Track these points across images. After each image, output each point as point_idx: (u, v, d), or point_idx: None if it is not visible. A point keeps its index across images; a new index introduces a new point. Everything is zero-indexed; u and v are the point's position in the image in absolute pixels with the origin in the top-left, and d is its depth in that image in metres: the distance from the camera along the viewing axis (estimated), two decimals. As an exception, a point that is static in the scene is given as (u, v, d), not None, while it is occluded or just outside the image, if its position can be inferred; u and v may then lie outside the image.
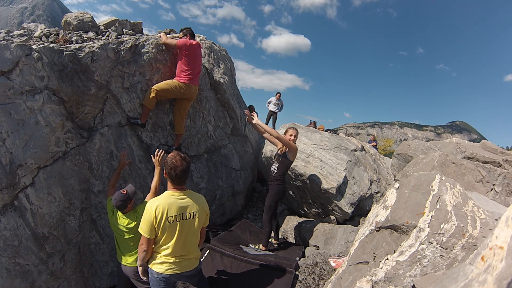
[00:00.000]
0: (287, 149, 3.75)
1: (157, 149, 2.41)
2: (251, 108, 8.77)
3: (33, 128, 2.56)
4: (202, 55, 4.32)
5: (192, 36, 3.82)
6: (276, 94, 10.03)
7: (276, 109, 10.01)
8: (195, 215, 2.09)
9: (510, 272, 0.77)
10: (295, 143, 3.80)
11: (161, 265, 2.04)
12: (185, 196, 2.09)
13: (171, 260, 2.05)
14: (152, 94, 3.40)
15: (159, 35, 3.91)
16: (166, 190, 2.10)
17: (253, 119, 3.79)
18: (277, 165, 3.86)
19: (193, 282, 2.25)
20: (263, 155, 5.92)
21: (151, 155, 2.68)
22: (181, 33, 3.90)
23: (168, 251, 2.03)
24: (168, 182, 2.09)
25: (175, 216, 2.00)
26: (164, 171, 2.08)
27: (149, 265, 2.10)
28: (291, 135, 3.79)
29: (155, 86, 3.45)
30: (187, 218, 2.05)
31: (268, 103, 10.06)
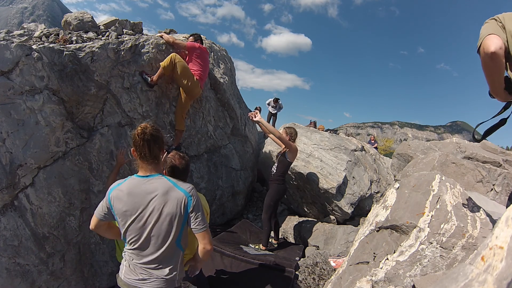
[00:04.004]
0: (287, 149, 3.77)
1: None
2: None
3: (33, 128, 2.56)
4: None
5: (201, 42, 3.92)
6: (274, 100, 10.09)
7: (275, 111, 10.17)
8: None
9: (510, 272, 0.77)
10: (294, 143, 3.82)
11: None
12: None
13: None
14: (170, 63, 3.42)
15: (158, 35, 3.92)
16: None
17: (256, 117, 3.78)
18: (276, 165, 3.90)
19: (192, 280, 2.25)
20: (263, 155, 5.93)
21: None
22: (191, 37, 3.96)
23: None
24: None
25: None
26: (164, 171, 2.08)
27: None
28: (287, 134, 3.84)
29: (177, 58, 3.46)
30: None
31: (268, 104, 10.23)
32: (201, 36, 4.01)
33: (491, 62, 1.36)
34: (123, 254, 1.69)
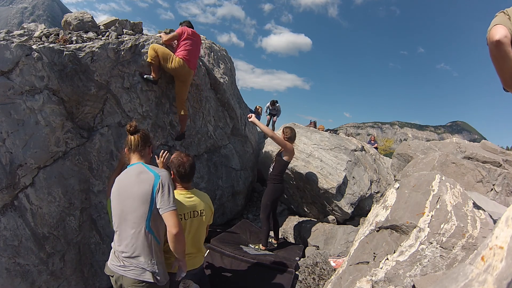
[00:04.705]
0: (283, 148, 3.79)
1: (162, 150, 2.41)
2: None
3: (33, 128, 2.56)
4: (202, 54, 4.38)
5: (190, 26, 3.94)
6: (271, 102, 9.96)
7: (274, 112, 10.12)
8: (203, 213, 2.10)
9: (510, 272, 0.77)
10: (291, 143, 3.83)
11: (170, 265, 2.02)
12: (192, 195, 2.11)
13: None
14: (153, 53, 3.47)
15: (158, 35, 3.92)
16: None
17: (249, 118, 3.78)
18: (273, 164, 3.92)
19: (195, 279, 2.25)
20: (263, 155, 5.93)
21: (155, 156, 2.67)
22: (180, 25, 4.00)
23: None
24: (175, 181, 2.11)
25: (184, 214, 2.01)
26: (172, 172, 2.09)
27: None
28: (283, 134, 3.85)
29: (155, 46, 3.51)
30: (195, 216, 2.06)
31: (266, 111, 10.17)
32: (190, 22, 4.06)
33: (496, 50, 1.40)
34: (112, 244, 1.82)
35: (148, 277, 1.64)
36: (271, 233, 4.20)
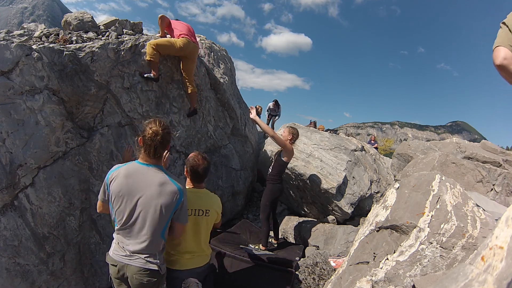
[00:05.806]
0: (283, 149, 3.77)
1: None
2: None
3: (33, 128, 2.56)
4: (202, 54, 4.39)
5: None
6: (273, 101, 10.12)
7: (274, 113, 10.20)
8: (207, 212, 2.12)
9: (510, 272, 0.77)
10: (291, 144, 3.80)
11: (174, 262, 2.03)
12: (201, 194, 2.16)
13: (187, 256, 2.05)
14: (152, 50, 3.48)
15: (158, 35, 3.93)
16: None
17: (250, 114, 3.74)
18: (273, 164, 3.91)
19: (200, 278, 2.24)
20: (263, 155, 5.93)
21: None
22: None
23: (182, 246, 2.03)
24: (187, 179, 2.16)
25: (189, 210, 2.01)
26: (185, 169, 2.14)
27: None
28: (289, 133, 3.84)
29: (152, 42, 3.54)
30: (199, 214, 2.08)
31: (267, 111, 10.27)
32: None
33: (502, 72, 1.49)
34: (113, 235, 1.81)
35: (153, 265, 1.73)
36: (271, 233, 4.20)
